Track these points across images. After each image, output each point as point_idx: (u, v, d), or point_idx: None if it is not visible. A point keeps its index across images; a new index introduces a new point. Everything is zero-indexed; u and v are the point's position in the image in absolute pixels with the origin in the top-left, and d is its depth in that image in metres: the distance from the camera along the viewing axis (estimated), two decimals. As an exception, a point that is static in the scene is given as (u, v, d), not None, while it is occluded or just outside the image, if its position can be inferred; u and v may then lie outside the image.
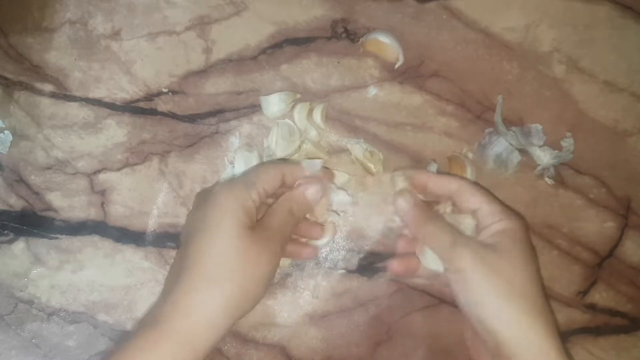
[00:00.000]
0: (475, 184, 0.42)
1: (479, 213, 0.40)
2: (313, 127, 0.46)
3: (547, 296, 0.37)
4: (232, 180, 0.40)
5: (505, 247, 0.38)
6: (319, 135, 0.46)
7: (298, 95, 0.47)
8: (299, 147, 0.46)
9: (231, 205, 0.37)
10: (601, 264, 0.47)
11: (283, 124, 0.46)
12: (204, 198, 0.40)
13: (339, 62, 0.48)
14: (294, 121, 0.46)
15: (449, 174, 0.43)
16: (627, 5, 0.49)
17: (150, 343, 0.33)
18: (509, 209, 0.40)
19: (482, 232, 0.39)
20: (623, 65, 0.49)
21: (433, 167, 0.46)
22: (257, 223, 0.38)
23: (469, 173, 0.46)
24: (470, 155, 0.47)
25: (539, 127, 0.47)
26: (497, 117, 0.46)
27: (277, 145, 0.45)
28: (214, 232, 0.36)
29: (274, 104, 0.45)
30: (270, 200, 0.41)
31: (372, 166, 0.46)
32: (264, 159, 0.45)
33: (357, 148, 0.46)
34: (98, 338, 0.44)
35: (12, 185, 0.45)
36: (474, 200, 0.40)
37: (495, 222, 0.39)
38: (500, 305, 0.36)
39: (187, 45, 0.47)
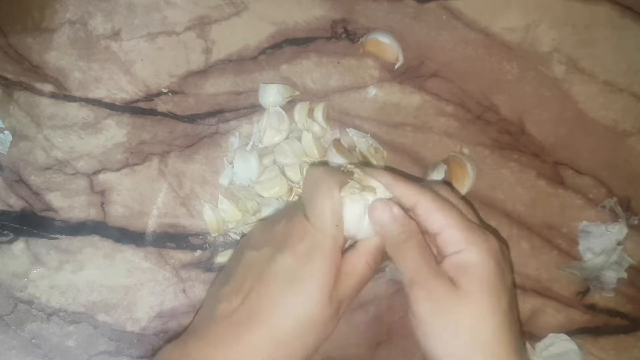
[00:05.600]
0: (440, 198, 0.34)
1: (438, 239, 0.33)
2: (315, 125, 0.46)
3: (520, 344, 0.33)
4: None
5: (466, 288, 0.32)
6: (322, 132, 0.46)
7: (297, 93, 0.47)
8: (287, 136, 0.45)
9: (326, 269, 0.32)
10: (601, 264, 0.47)
11: (274, 111, 0.46)
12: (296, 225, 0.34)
13: (338, 62, 0.48)
14: (293, 118, 0.46)
15: (415, 181, 0.35)
16: (627, 6, 0.49)
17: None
18: (479, 235, 0.33)
19: (443, 263, 0.33)
20: (623, 65, 0.49)
21: (441, 170, 0.44)
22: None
23: (470, 170, 0.45)
24: (466, 151, 0.47)
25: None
26: None
27: (265, 133, 0.45)
28: (299, 290, 0.32)
29: (271, 94, 0.46)
30: None
31: (374, 162, 0.46)
32: (252, 146, 0.46)
33: (363, 142, 0.46)
34: (98, 338, 0.44)
35: (12, 186, 0.45)
36: (433, 221, 0.33)
37: (455, 253, 0.33)
38: (453, 355, 0.32)
39: (187, 46, 0.47)
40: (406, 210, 0.34)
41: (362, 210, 0.34)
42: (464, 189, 0.46)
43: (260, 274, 0.34)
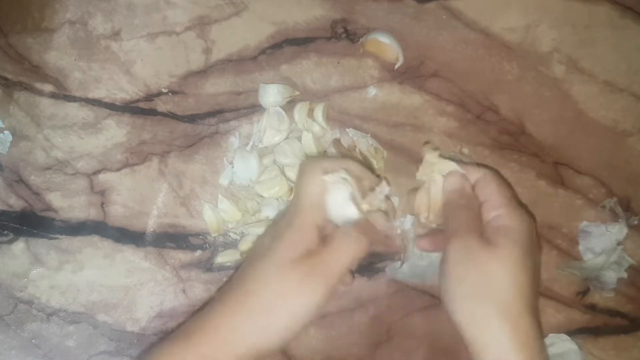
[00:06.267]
0: (497, 175, 0.40)
1: (485, 205, 0.38)
2: (315, 125, 0.46)
3: (536, 309, 0.35)
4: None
5: (498, 246, 0.35)
6: (322, 132, 0.46)
7: (297, 93, 0.47)
8: (287, 136, 0.46)
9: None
10: (601, 264, 0.47)
11: (274, 111, 0.46)
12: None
13: (338, 63, 0.48)
14: (293, 118, 0.46)
15: (476, 163, 0.42)
16: (627, 6, 0.49)
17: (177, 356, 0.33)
18: (519, 208, 0.38)
19: (485, 226, 0.37)
20: (623, 65, 0.49)
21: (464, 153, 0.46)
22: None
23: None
24: (466, 151, 0.47)
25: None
26: None
27: (265, 133, 0.45)
28: (267, 258, 0.35)
29: (271, 94, 0.46)
30: None
31: (374, 162, 0.46)
32: (252, 146, 0.46)
33: (363, 142, 0.46)
34: (98, 338, 0.44)
35: (12, 186, 0.45)
36: (485, 190, 0.38)
37: (495, 217, 0.37)
38: (471, 303, 0.35)
39: (187, 46, 0.47)
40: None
41: (346, 198, 0.37)
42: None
43: (249, 259, 0.38)
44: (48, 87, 0.46)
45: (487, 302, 0.34)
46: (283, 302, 0.34)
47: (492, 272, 0.35)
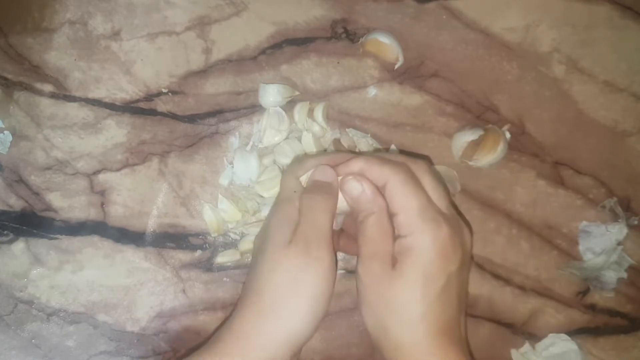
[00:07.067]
0: (410, 181, 0.35)
1: (395, 220, 0.35)
2: (315, 125, 0.46)
3: (452, 330, 0.34)
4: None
5: (401, 270, 0.33)
6: (322, 132, 0.46)
7: (297, 93, 0.47)
8: (287, 136, 0.46)
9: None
10: (601, 264, 0.47)
11: (274, 111, 0.46)
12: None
13: (338, 63, 0.48)
14: (293, 118, 0.46)
15: (388, 159, 0.36)
16: (627, 6, 0.49)
17: None
18: (430, 220, 0.34)
19: (395, 243, 0.34)
20: (623, 66, 0.49)
21: (476, 133, 0.45)
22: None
23: (500, 150, 0.45)
24: (508, 135, 0.47)
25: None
26: None
27: (265, 133, 0.45)
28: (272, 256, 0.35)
29: (271, 94, 0.46)
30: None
31: None
32: (252, 146, 0.46)
33: (363, 142, 0.46)
34: (98, 338, 0.44)
35: (12, 186, 0.45)
36: (392, 201, 0.34)
37: (403, 236, 0.34)
38: (383, 331, 0.34)
39: (186, 46, 0.47)
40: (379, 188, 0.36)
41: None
42: (485, 160, 0.45)
43: (254, 260, 0.39)
44: (48, 87, 0.46)
45: (397, 332, 0.33)
46: (297, 287, 0.34)
47: (396, 300, 0.33)
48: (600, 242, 0.46)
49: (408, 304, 0.33)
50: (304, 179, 0.38)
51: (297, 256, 0.34)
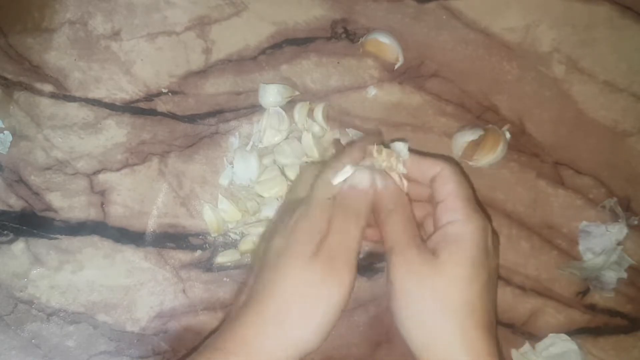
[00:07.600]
0: (457, 169, 0.36)
1: (440, 207, 0.34)
2: (315, 125, 0.46)
3: (490, 324, 0.33)
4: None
5: (446, 258, 0.33)
6: (322, 132, 0.46)
7: (297, 93, 0.47)
8: (287, 136, 0.46)
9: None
10: (601, 264, 0.47)
11: (274, 111, 0.46)
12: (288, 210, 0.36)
13: (338, 63, 0.48)
14: (293, 118, 0.46)
15: (431, 154, 0.37)
16: (627, 6, 0.49)
17: None
18: (476, 212, 0.34)
19: (435, 232, 0.34)
20: (623, 66, 0.49)
21: (476, 132, 0.45)
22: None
23: (500, 150, 0.45)
24: (508, 135, 0.47)
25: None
26: None
27: (265, 133, 0.45)
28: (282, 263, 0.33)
29: (271, 94, 0.46)
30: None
31: None
32: (252, 146, 0.46)
33: None
34: (98, 338, 0.44)
35: (11, 186, 0.45)
36: (442, 189, 0.35)
37: (448, 224, 0.34)
38: (421, 325, 0.32)
39: (186, 46, 0.47)
40: (420, 182, 0.36)
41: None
42: (485, 160, 0.45)
43: (260, 262, 0.36)
44: (48, 87, 0.46)
45: (436, 322, 0.32)
46: (314, 300, 0.32)
47: (438, 290, 0.32)
48: (600, 242, 0.46)
49: (453, 290, 0.32)
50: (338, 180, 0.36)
51: (320, 272, 0.32)
